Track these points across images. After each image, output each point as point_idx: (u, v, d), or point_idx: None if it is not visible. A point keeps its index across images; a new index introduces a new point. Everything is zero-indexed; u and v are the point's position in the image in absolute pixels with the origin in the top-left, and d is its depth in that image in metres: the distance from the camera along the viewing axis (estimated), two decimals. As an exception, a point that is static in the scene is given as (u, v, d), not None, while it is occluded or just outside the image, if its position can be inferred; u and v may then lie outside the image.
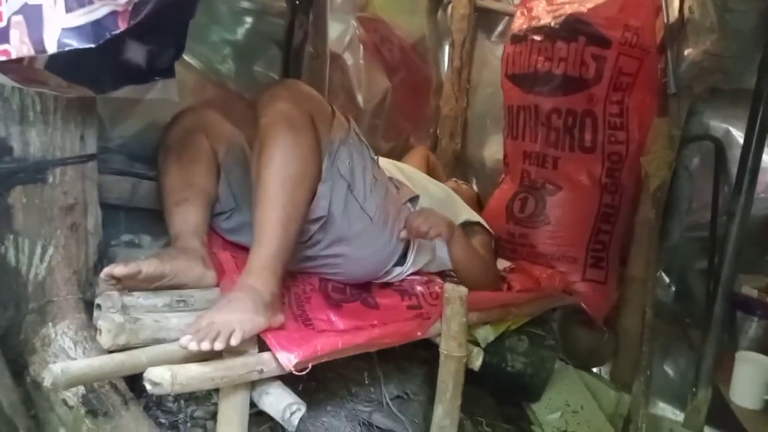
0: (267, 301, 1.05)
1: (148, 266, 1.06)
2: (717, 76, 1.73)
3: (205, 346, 0.91)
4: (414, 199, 1.51)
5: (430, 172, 1.96)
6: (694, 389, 1.55)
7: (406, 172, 1.67)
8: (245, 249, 1.37)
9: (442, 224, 1.40)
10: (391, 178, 1.49)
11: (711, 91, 1.79)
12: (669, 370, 1.99)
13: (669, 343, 1.96)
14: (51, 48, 0.80)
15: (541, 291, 1.66)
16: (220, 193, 1.33)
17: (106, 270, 1.03)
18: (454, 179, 2.09)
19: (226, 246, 1.35)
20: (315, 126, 1.15)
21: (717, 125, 1.80)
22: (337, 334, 1.12)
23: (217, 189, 1.32)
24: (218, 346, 0.91)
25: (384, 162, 1.66)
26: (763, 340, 1.66)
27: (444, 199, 1.68)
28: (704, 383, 1.52)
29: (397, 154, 2.13)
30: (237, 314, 0.98)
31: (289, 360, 0.99)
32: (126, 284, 1.05)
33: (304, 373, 1.01)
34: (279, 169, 1.08)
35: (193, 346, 0.91)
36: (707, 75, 1.75)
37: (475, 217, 1.70)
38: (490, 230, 1.72)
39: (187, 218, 1.24)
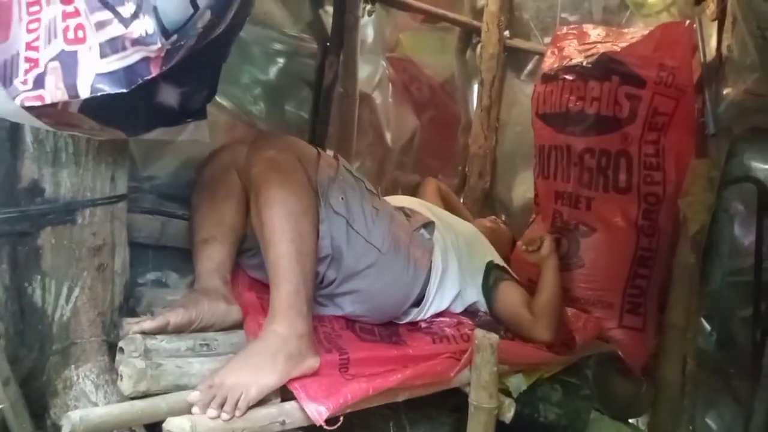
0: (293, 347, 1.02)
1: (175, 317, 1.08)
2: (758, 116, 1.67)
3: (211, 413, 0.89)
4: (428, 225, 1.49)
5: (445, 200, 1.94)
6: (743, 448, 1.46)
7: (432, 210, 1.65)
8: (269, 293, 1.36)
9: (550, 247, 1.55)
10: (401, 208, 1.48)
11: (752, 131, 1.73)
12: (712, 423, 1.88)
13: (711, 395, 1.86)
14: (84, 93, 0.81)
15: (576, 347, 1.58)
16: (249, 231, 1.31)
17: (135, 328, 1.04)
18: (493, 218, 2.06)
19: (252, 286, 1.33)
20: (303, 165, 1.17)
21: (759, 166, 1.74)
22: (367, 380, 1.08)
23: (245, 227, 1.31)
24: (224, 416, 0.90)
25: (409, 201, 1.64)
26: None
27: (471, 236, 1.65)
28: (754, 442, 1.42)
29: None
30: (248, 374, 0.96)
31: (319, 413, 0.96)
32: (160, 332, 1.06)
33: (335, 427, 0.98)
34: (278, 207, 1.09)
35: (198, 410, 0.89)
36: (748, 115, 1.69)
37: (500, 260, 1.65)
38: (516, 277, 1.67)
39: (212, 256, 1.24)
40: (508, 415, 1.30)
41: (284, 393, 1.03)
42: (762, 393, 1.43)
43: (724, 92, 1.69)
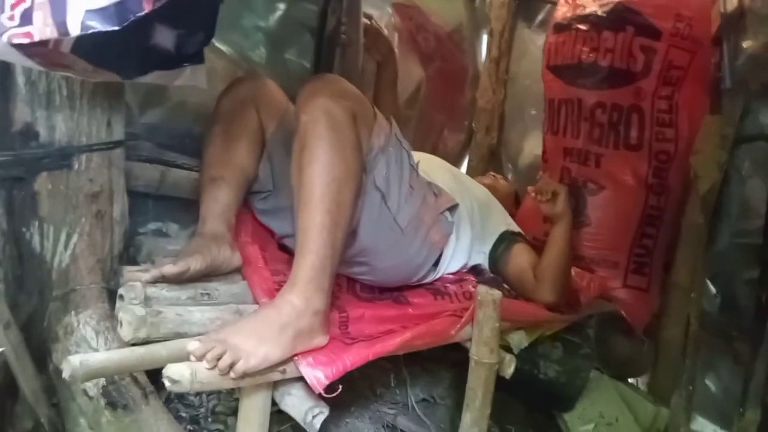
0: (305, 323, 0.97)
1: (195, 263, 1.06)
2: (777, 72, 1.61)
3: (205, 365, 0.86)
4: (453, 208, 1.44)
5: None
6: (741, 409, 1.46)
7: (453, 174, 1.62)
8: (274, 241, 1.34)
9: (565, 203, 1.46)
10: (430, 184, 1.41)
11: (768, 88, 1.67)
12: (711, 385, 1.89)
13: (712, 356, 1.86)
14: (74, 30, 0.77)
15: (580, 307, 1.57)
16: (260, 173, 1.29)
17: (155, 272, 1.03)
18: (492, 173, 2.01)
19: (256, 236, 1.31)
20: (357, 126, 1.08)
21: (775, 125, 1.68)
22: (367, 345, 1.06)
23: (257, 169, 1.28)
24: (216, 372, 0.87)
25: (432, 162, 1.60)
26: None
27: (486, 203, 1.60)
28: (753, 403, 1.42)
29: (430, 149, 2.06)
30: (253, 342, 0.91)
31: (318, 380, 0.95)
32: (171, 280, 1.06)
33: (334, 394, 0.96)
34: (323, 170, 1.01)
35: (195, 356, 0.87)
36: (765, 70, 1.63)
37: (514, 225, 1.62)
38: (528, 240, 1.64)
39: (218, 197, 1.21)
40: (509, 371, 1.30)
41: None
42: (763, 354, 1.43)
43: (743, 45, 1.62)
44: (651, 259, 1.75)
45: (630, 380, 1.89)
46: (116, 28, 0.77)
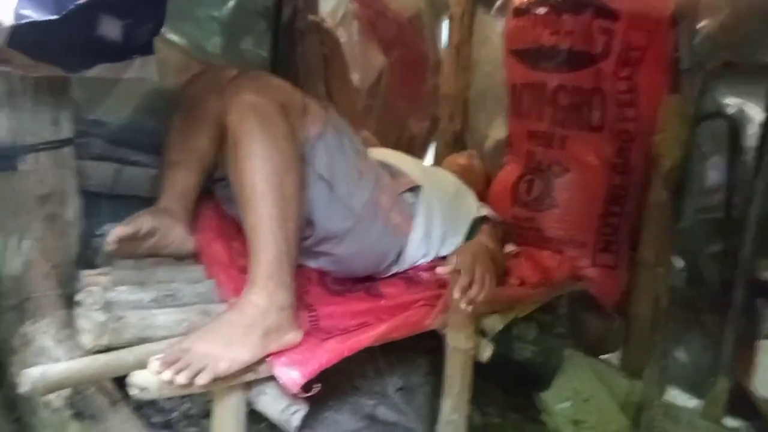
0: (272, 320, 0.95)
1: (145, 221, 1.09)
2: (732, 51, 1.64)
3: (166, 375, 0.82)
4: (415, 189, 1.42)
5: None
6: (712, 378, 1.49)
7: (419, 166, 1.59)
8: (240, 237, 1.29)
9: (488, 277, 1.26)
10: (387, 166, 1.40)
11: (726, 67, 1.69)
12: (681, 357, 1.93)
13: (681, 329, 1.90)
14: (6, 19, 0.71)
15: (552, 284, 1.58)
16: (222, 161, 1.24)
17: (110, 237, 1.05)
18: (467, 152, 2.00)
19: (221, 233, 1.27)
20: (287, 116, 1.06)
21: (733, 102, 1.71)
22: (341, 340, 1.03)
23: (216, 156, 1.25)
24: (179, 380, 0.83)
25: (395, 156, 1.58)
26: (787, 329, 1.59)
27: (454, 194, 1.57)
28: (723, 372, 1.46)
29: (395, 137, 2.04)
30: (218, 347, 0.88)
31: (292, 380, 0.92)
32: (126, 249, 1.09)
33: (309, 393, 0.93)
34: (260, 164, 0.99)
35: (156, 370, 0.83)
36: (722, 49, 1.65)
37: (482, 209, 1.60)
38: (497, 219, 1.63)
39: (175, 181, 1.22)
40: (485, 355, 1.29)
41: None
42: (730, 327, 1.46)
43: (699, 26, 1.65)
44: (617, 238, 1.77)
45: (604, 357, 1.92)
46: (54, 17, 0.72)
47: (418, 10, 2.23)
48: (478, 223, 1.51)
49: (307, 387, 0.93)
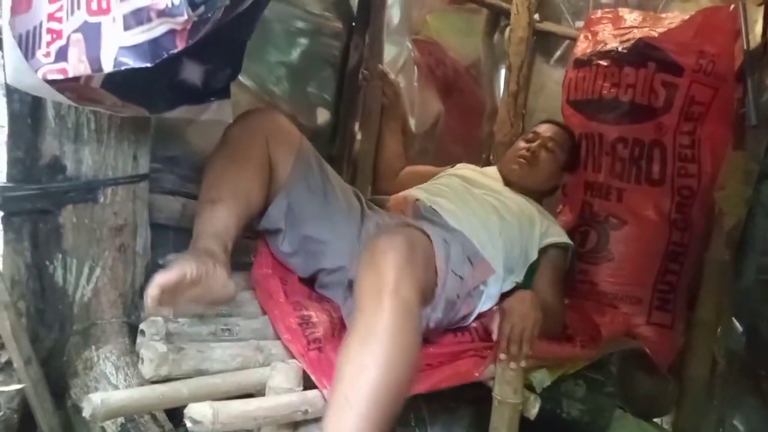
0: None
1: (189, 267, 0.96)
2: (800, 109, 1.60)
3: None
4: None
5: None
6: (774, 452, 1.41)
7: (492, 197, 1.55)
8: (294, 274, 1.31)
9: (529, 333, 1.21)
10: (474, 252, 1.36)
11: (793, 124, 1.65)
12: (739, 425, 1.83)
13: (739, 396, 1.80)
14: (107, 67, 0.78)
15: (603, 340, 1.54)
16: (273, 210, 1.22)
17: (152, 290, 0.90)
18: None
19: (276, 269, 1.28)
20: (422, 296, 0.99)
21: (799, 161, 1.66)
22: None
23: (262, 199, 1.20)
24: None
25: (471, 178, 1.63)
26: None
27: (518, 228, 1.51)
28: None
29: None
30: None
31: None
32: (167, 299, 0.94)
33: None
34: (379, 373, 0.87)
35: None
36: (789, 107, 1.62)
37: (557, 236, 1.57)
38: (563, 244, 1.58)
39: (214, 219, 1.11)
40: (533, 411, 1.26)
41: (307, 382, 1.01)
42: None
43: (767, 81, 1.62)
44: (675, 296, 1.72)
45: (654, 420, 1.84)
46: (149, 65, 0.78)
47: (476, 59, 2.28)
48: (540, 258, 1.51)
49: None
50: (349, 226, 1.29)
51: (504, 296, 1.41)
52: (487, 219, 1.46)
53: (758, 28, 1.62)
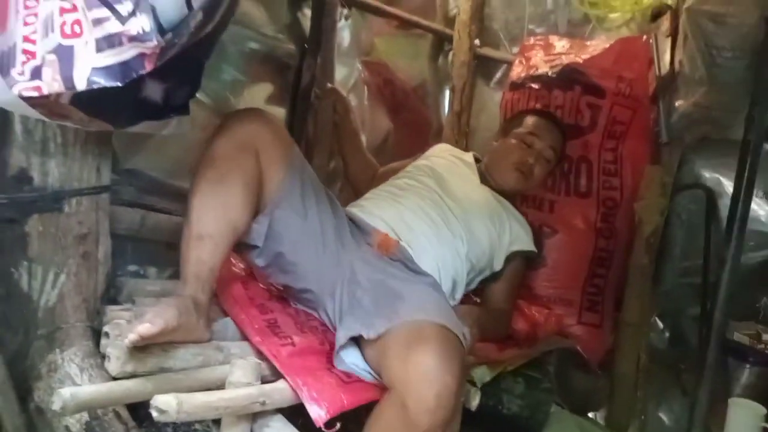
0: None
1: (172, 319, 0.99)
2: (707, 127, 1.80)
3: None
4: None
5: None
6: (688, 434, 1.56)
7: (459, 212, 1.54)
8: (254, 279, 1.37)
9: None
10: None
11: (701, 141, 1.85)
12: (664, 417, 1.99)
13: (664, 389, 1.97)
14: (80, 86, 0.85)
15: (538, 342, 1.67)
16: (254, 225, 1.21)
17: (132, 337, 0.94)
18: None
19: (236, 275, 1.36)
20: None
21: (708, 174, 1.86)
22: (365, 388, 1.13)
23: (249, 223, 1.19)
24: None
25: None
26: (755, 387, 1.67)
27: (487, 244, 1.56)
28: (698, 429, 1.53)
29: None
30: None
31: (319, 416, 1.01)
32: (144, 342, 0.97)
33: (333, 430, 1.02)
34: None
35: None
36: (697, 126, 1.81)
37: (523, 244, 1.65)
38: (533, 251, 1.70)
39: (203, 259, 1.11)
40: (474, 402, 1.36)
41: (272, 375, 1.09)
42: (704, 385, 1.54)
43: (677, 104, 1.81)
44: (603, 298, 1.88)
45: (589, 414, 1.97)
46: (119, 84, 0.85)
47: (423, 81, 2.42)
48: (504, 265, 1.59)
49: (329, 424, 1.02)
50: (323, 254, 1.27)
51: None
52: (456, 253, 1.48)
53: (667, 56, 1.82)
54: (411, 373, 0.98)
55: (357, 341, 1.16)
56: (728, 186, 1.76)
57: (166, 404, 0.88)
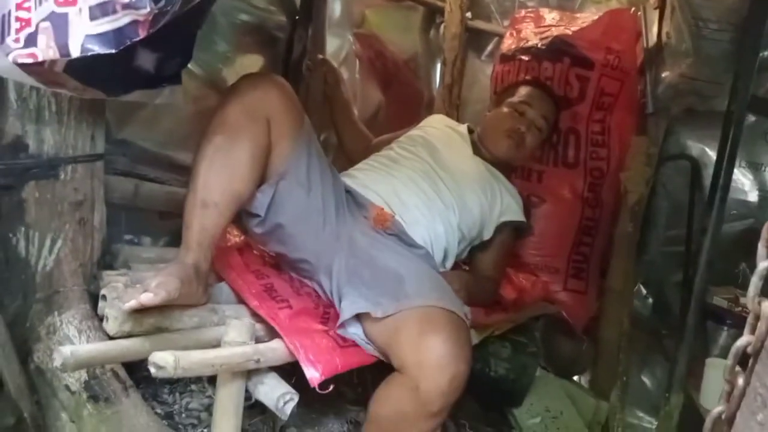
0: None
1: (174, 288, 1.01)
2: (692, 98, 1.82)
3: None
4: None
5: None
6: (666, 395, 1.62)
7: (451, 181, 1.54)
8: (248, 245, 1.40)
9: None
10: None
11: (687, 112, 1.88)
12: (646, 380, 2.06)
13: (646, 354, 2.03)
14: (75, 52, 0.87)
15: (525, 306, 1.72)
16: (258, 195, 1.21)
17: (133, 303, 0.96)
18: None
19: (232, 242, 1.39)
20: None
21: (693, 145, 1.90)
22: (358, 352, 1.17)
23: (254, 190, 1.19)
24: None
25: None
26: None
27: (478, 214, 1.57)
28: (676, 389, 1.59)
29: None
30: None
31: (314, 376, 1.06)
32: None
33: (327, 391, 1.07)
34: None
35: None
36: (683, 97, 1.84)
37: (513, 214, 1.65)
38: (523, 222, 1.70)
39: (207, 226, 1.11)
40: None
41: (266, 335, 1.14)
42: (683, 347, 1.59)
43: (663, 75, 1.83)
44: (588, 265, 1.93)
45: (574, 378, 2.04)
46: (113, 51, 0.87)
47: (414, 53, 2.42)
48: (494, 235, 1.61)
49: (323, 385, 1.06)
50: (322, 230, 1.28)
51: None
52: (448, 224, 1.49)
53: (655, 29, 1.84)
54: (425, 360, 1.04)
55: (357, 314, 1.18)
56: (713, 156, 1.78)
57: (163, 360, 0.92)
